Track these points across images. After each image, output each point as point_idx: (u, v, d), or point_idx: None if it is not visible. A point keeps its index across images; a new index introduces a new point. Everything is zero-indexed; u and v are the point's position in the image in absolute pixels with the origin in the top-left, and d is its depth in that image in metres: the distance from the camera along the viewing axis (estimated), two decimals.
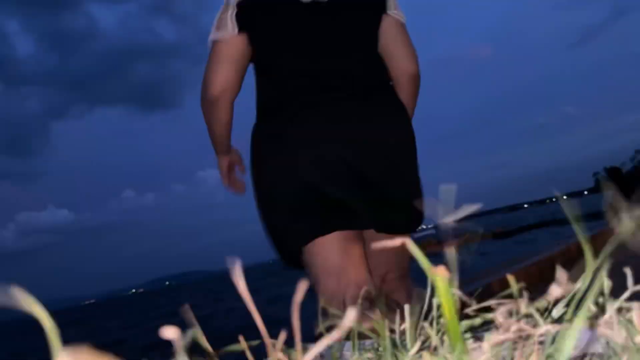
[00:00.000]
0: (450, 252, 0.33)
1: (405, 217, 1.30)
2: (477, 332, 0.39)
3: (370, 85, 1.30)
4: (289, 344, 0.34)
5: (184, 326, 0.35)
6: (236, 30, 1.25)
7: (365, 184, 1.23)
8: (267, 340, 0.30)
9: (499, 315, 0.33)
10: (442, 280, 0.23)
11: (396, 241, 0.26)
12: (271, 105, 1.29)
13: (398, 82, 1.37)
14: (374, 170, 1.24)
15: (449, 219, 0.29)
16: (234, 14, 1.25)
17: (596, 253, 0.34)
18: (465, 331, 0.38)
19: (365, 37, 1.33)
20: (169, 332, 0.21)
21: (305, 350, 0.30)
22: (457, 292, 0.37)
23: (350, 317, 0.22)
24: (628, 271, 0.38)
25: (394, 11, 1.35)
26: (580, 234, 0.34)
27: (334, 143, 1.21)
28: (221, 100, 1.28)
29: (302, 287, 0.28)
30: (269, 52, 1.29)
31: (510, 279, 0.37)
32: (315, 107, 1.24)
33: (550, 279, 0.36)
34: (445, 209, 0.29)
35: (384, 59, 1.36)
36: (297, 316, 0.29)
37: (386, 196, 1.25)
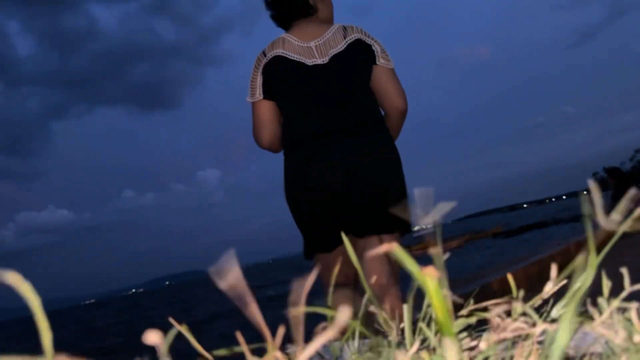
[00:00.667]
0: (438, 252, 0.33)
1: (393, 222, 1.58)
2: (475, 332, 0.39)
3: (363, 125, 1.64)
4: (289, 343, 0.34)
5: (181, 327, 0.35)
6: (262, 96, 1.74)
7: (359, 200, 1.56)
8: (268, 338, 0.30)
9: (494, 315, 0.33)
10: (431, 280, 0.23)
11: (381, 248, 0.27)
12: (289, 145, 1.69)
13: (389, 115, 1.75)
14: (367, 187, 1.57)
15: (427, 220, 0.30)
16: (261, 82, 1.73)
17: (595, 252, 0.34)
18: (461, 330, 0.38)
19: (358, 87, 1.69)
20: (152, 337, 0.21)
21: (304, 348, 0.30)
22: (448, 292, 0.37)
23: (345, 315, 0.22)
24: (626, 271, 0.38)
25: (382, 61, 1.72)
26: (580, 233, 0.34)
27: (333, 171, 1.57)
28: (270, 149, 1.81)
29: (311, 274, 0.28)
30: (285, 107, 1.73)
31: (510, 278, 0.37)
32: (320, 146, 1.60)
33: (549, 279, 0.36)
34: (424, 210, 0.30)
35: (378, 98, 1.73)
36: (301, 302, 0.29)
37: (376, 207, 1.56)
